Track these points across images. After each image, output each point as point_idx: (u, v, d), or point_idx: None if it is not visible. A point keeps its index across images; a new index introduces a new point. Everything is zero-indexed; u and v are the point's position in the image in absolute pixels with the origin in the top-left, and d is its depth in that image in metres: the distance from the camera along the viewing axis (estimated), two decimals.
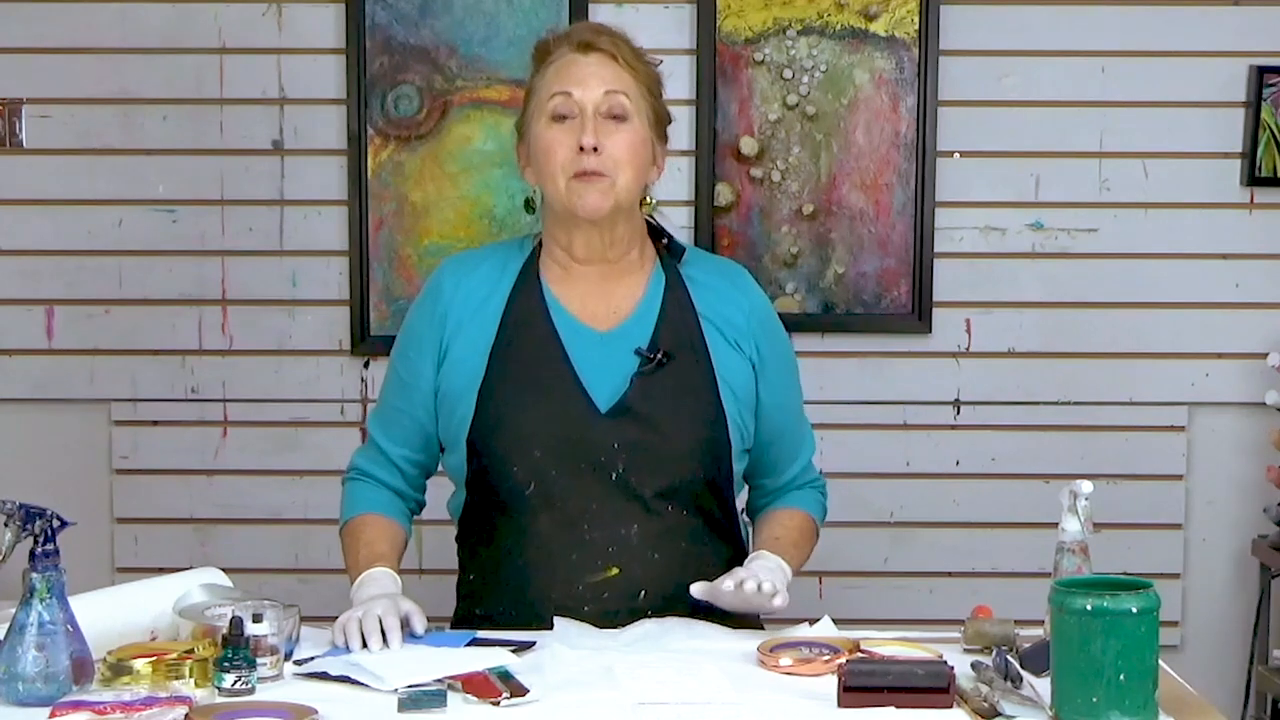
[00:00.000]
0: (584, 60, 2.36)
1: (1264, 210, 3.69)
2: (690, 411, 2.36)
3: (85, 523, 2.53)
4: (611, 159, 2.32)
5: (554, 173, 2.34)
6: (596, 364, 2.36)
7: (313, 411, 3.70)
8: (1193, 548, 3.78)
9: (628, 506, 2.34)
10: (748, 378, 2.42)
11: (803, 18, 3.64)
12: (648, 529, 2.35)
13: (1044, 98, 3.67)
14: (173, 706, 1.89)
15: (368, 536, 2.42)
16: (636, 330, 2.39)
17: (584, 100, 2.33)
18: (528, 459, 2.34)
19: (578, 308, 2.40)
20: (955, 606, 2.86)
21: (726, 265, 2.56)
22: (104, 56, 3.67)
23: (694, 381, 2.37)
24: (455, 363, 2.39)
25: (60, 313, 3.72)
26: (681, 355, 2.37)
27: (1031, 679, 2.02)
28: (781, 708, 1.97)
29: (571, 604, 2.33)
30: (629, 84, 2.36)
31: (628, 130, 2.34)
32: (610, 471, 2.33)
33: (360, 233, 3.67)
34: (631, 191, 2.36)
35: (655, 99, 2.40)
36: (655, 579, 2.35)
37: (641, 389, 2.35)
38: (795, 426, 2.53)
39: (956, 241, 3.69)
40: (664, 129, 2.43)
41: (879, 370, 3.71)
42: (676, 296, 2.41)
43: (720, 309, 2.42)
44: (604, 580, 2.34)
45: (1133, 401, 3.72)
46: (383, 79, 3.65)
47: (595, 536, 2.34)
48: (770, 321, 2.48)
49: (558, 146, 2.33)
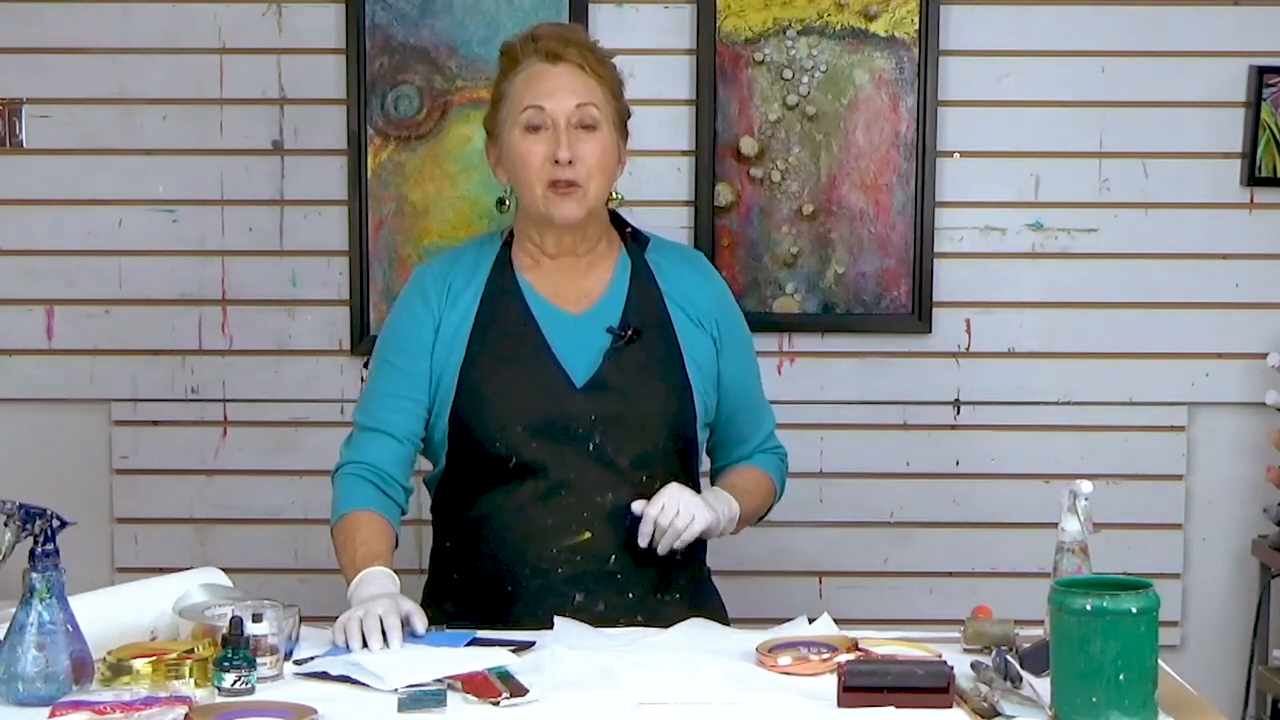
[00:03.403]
0: (553, 71, 2.48)
1: (1264, 210, 3.69)
2: (660, 384, 2.52)
3: (85, 523, 2.54)
4: (584, 167, 2.47)
5: (529, 180, 2.48)
6: (571, 343, 2.51)
7: (312, 411, 3.70)
8: (1193, 548, 3.78)
9: (603, 475, 2.48)
10: (710, 353, 2.57)
11: (803, 18, 3.64)
12: (620, 496, 2.47)
13: (1044, 98, 3.67)
14: (173, 706, 1.89)
15: (363, 535, 2.44)
16: (607, 311, 2.54)
17: (556, 113, 2.47)
18: (509, 433, 2.47)
19: (550, 293, 2.55)
20: (955, 606, 2.87)
21: (687, 251, 2.76)
22: (104, 56, 3.67)
23: (662, 356, 2.53)
24: (438, 347, 2.52)
25: (60, 313, 3.72)
26: (649, 332, 2.53)
27: (1031, 679, 2.02)
28: (781, 708, 1.97)
29: (545, 565, 2.46)
30: (597, 93, 2.49)
31: (597, 138, 2.49)
32: (588, 442, 2.47)
33: (360, 233, 3.67)
34: (601, 196, 2.52)
35: (619, 100, 2.54)
36: (624, 545, 2.48)
37: (615, 364, 2.50)
38: (755, 401, 2.69)
39: (956, 241, 3.69)
40: (626, 126, 2.57)
41: (879, 370, 3.71)
42: (642, 280, 2.57)
43: (683, 290, 2.58)
44: (577, 544, 2.47)
45: (1133, 401, 3.72)
46: (383, 79, 3.65)
47: (571, 503, 2.47)
48: (729, 303, 2.65)
49: (532, 157, 2.47)
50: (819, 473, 3.68)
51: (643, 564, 2.48)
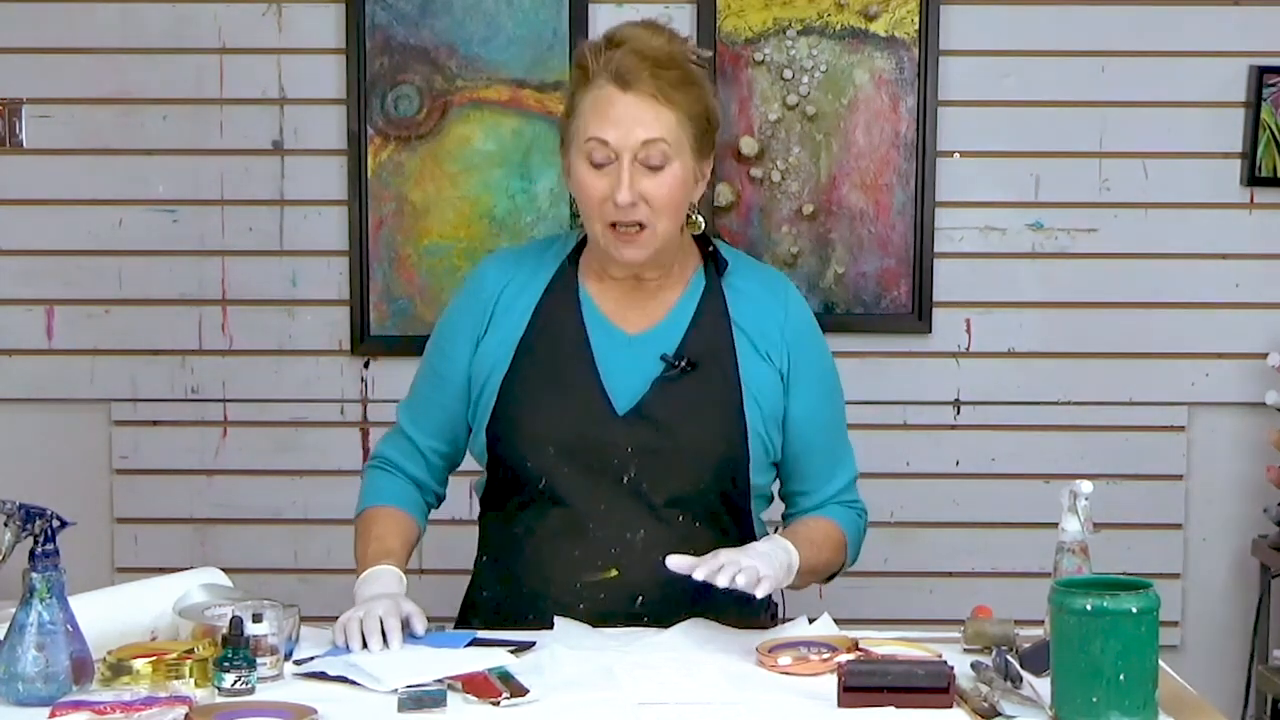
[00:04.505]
0: (623, 99, 2.25)
1: (1264, 210, 3.69)
2: (709, 420, 2.33)
3: (85, 523, 2.53)
4: (650, 208, 2.27)
5: (591, 216, 2.29)
6: (621, 366, 2.34)
7: (312, 412, 3.70)
8: (1193, 548, 3.78)
9: (636, 510, 2.32)
10: (775, 389, 2.37)
11: (803, 18, 3.64)
12: (654, 535, 2.32)
13: (1044, 98, 3.67)
14: (173, 706, 1.89)
15: (379, 530, 2.40)
16: (667, 336, 2.36)
17: (620, 147, 2.25)
18: (541, 455, 2.33)
19: (611, 309, 2.38)
20: (955, 606, 2.86)
21: (769, 274, 2.50)
22: (104, 56, 3.67)
23: (717, 391, 2.34)
24: (485, 354, 2.38)
25: (60, 313, 3.72)
26: (708, 364, 2.34)
27: (1031, 679, 2.02)
28: (781, 708, 1.97)
29: (568, 600, 2.32)
30: (669, 125, 2.26)
31: (666, 176, 2.27)
32: (622, 475, 2.32)
33: (360, 233, 3.67)
34: (671, 234, 2.31)
35: (696, 123, 2.29)
36: (654, 585, 2.31)
37: (661, 394, 2.32)
38: (830, 443, 2.45)
39: (956, 241, 3.69)
40: (709, 141, 2.33)
41: (879, 370, 3.71)
42: (712, 305, 2.38)
43: (755, 319, 2.38)
44: (602, 581, 2.33)
45: (1133, 401, 3.72)
46: (383, 79, 3.65)
47: (599, 537, 2.33)
48: (807, 333, 2.42)
49: (594, 191, 2.27)
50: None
51: (676, 606, 2.29)
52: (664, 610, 2.31)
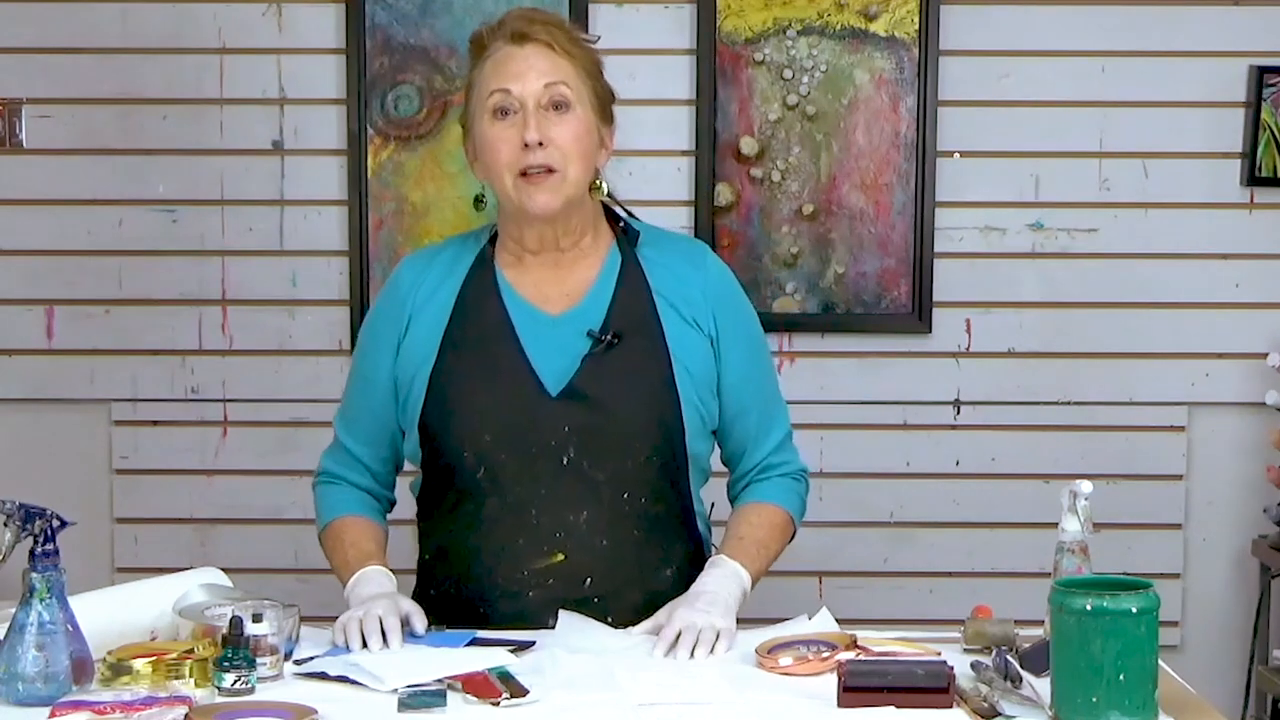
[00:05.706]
0: (520, 53, 2.31)
1: (1264, 210, 3.69)
2: (642, 393, 2.33)
3: (85, 523, 2.54)
4: (558, 151, 2.29)
5: (500, 170, 2.31)
6: (547, 347, 2.33)
7: (313, 411, 3.70)
8: (1193, 548, 3.78)
9: (578, 492, 2.32)
10: (705, 355, 2.37)
11: (803, 18, 3.64)
12: (597, 516, 2.32)
13: (1044, 98, 3.67)
14: (173, 706, 1.89)
15: (351, 537, 2.41)
16: (589, 313, 2.35)
17: (524, 94, 2.29)
18: (477, 443, 2.32)
19: (530, 292, 2.37)
20: (955, 606, 2.86)
21: (684, 241, 2.53)
22: (104, 56, 3.67)
23: (646, 362, 2.34)
24: (409, 350, 2.38)
25: (60, 313, 3.72)
26: (634, 336, 2.34)
27: (1031, 679, 2.02)
28: (781, 708, 1.97)
29: (516, 588, 2.33)
30: (568, 72, 2.31)
31: (571, 119, 2.30)
32: (561, 456, 2.31)
33: (360, 233, 3.67)
34: (581, 183, 2.33)
35: (596, 80, 2.36)
36: (603, 567, 2.33)
37: (592, 371, 2.32)
38: (762, 403, 2.46)
39: (956, 241, 3.69)
40: (609, 110, 2.38)
41: (879, 370, 3.71)
42: (631, 277, 2.38)
43: (676, 287, 2.38)
44: (549, 566, 2.33)
45: (1133, 401, 3.72)
46: (383, 79, 3.65)
47: (543, 522, 2.32)
48: (730, 295, 2.43)
49: (501, 144, 2.30)
50: (819, 473, 3.66)
51: (624, 586, 2.34)
52: (613, 591, 2.33)
